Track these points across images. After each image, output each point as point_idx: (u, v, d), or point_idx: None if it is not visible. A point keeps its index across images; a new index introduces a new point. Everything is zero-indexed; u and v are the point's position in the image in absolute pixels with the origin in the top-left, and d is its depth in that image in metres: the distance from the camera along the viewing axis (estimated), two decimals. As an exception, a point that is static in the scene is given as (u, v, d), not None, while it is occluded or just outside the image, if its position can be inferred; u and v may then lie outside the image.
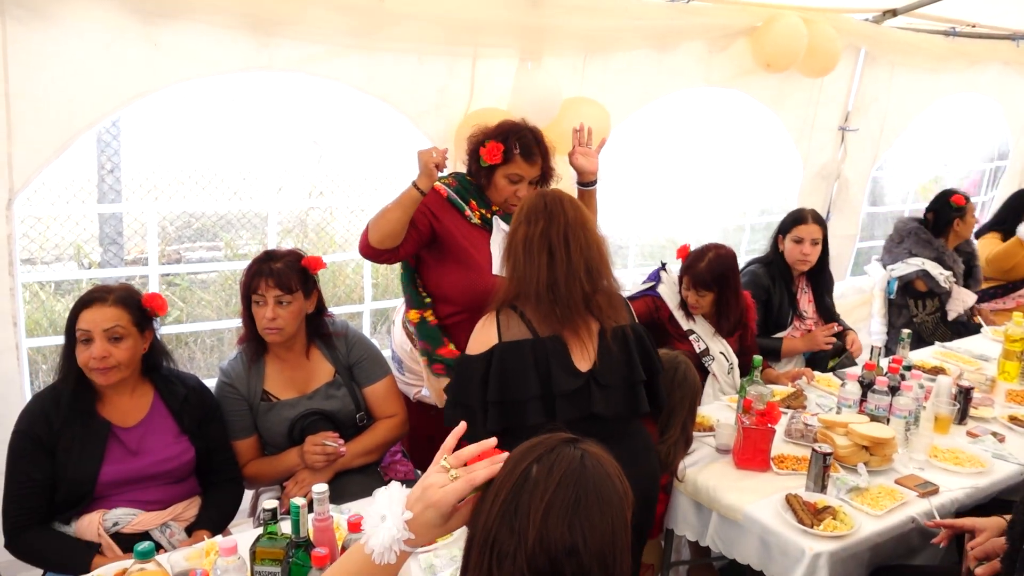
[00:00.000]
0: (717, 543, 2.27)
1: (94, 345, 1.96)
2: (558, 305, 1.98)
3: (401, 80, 3.02)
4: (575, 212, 2.04)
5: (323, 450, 2.23)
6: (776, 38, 3.67)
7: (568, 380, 2.00)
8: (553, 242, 1.99)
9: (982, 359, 3.43)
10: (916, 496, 2.24)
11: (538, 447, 1.11)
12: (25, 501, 1.99)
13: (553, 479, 1.06)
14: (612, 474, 1.11)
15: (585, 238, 2.02)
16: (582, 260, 2.00)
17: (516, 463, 1.11)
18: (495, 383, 1.98)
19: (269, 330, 2.25)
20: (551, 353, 1.99)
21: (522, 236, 2.02)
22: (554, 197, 2.06)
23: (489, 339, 2.01)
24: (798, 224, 3.35)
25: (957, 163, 6.58)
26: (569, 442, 1.12)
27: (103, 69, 2.44)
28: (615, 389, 2.04)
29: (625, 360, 2.05)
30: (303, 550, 1.62)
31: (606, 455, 1.13)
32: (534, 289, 1.98)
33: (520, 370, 1.98)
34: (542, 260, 1.99)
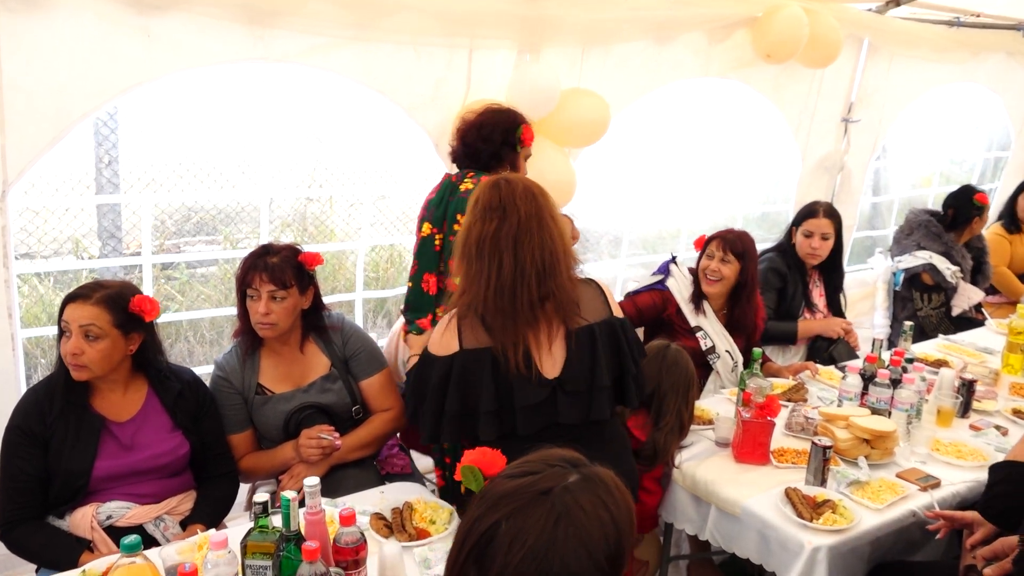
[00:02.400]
0: (716, 537, 2.25)
1: (70, 340, 1.95)
2: (506, 314, 1.88)
3: (397, 72, 3.00)
4: (528, 205, 1.91)
5: (318, 443, 2.22)
6: (777, 28, 3.63)
7: (532, 392, 1.91)
8: (502, 245, 1.88)
9: (986, 352, 3.41)
10: (917, 490, 2.22)
11: (512, 498, 1.02)
12: (19, 496, 1.98)
13: (515, 555, 0.98)
14: (592, 533, 1.00)
15: (540, 236, 1.90)
16: (533, 264, 1.88)
17: (489, 508, 1.03)
18: (454, 395, 1.90)
19: (262, 325, 2.23)
20: (513, 362, 1.88)
21: (476, 236, 1.91)
22: (509, 190, 1.93)
23: (449, 343, 1.93)
24: (809, 218, 3.36)
25: (964, 154, 6.54)
26: (552, 488, 1.02)
27: (97, 60, 2.42)
28: (582, 395, 1.95)
29: (590, 363, 1.95)
30: (293, 544, 1.60)
31: (599, 492, 1.04)
32: (483, 294, 1.89)
33: (477, 383, 1.89)
34: (492, 266, 1.88)
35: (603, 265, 4.66)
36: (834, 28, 3.80)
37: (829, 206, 3.41)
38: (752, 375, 2.58)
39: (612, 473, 1.09)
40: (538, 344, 1.93)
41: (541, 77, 3.11)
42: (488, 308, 1.90)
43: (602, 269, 4.55)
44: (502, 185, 1.95)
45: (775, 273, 3.34)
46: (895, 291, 4.08)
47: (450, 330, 1.94)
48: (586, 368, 1.95)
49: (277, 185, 4.81)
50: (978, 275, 4.15)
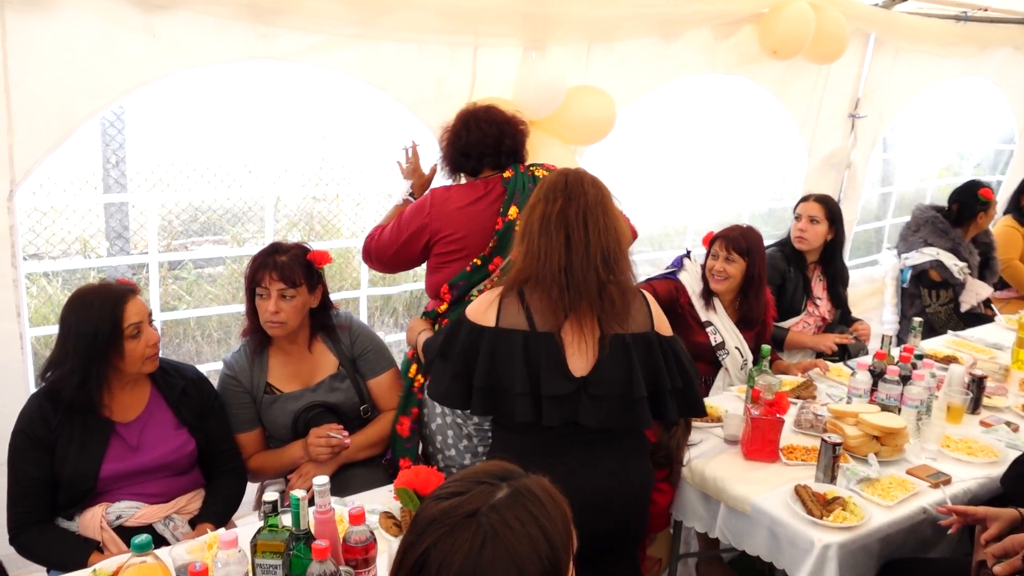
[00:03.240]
0: (726, 535, 2.24)
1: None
2: (569, 291, 1.87)
3: (401, 69, 3.00)
4: (596, 192, 1.92)
5: (327, 442, 2.22)
6: (783, 24, 3.62)
7: (558, 383, 1.88)
8: (571, 222, 1.87)
9: (996, 348, 3.39)
10: (928, 487, 2.20)
11: (440, 522, 0.99)
12: (26, 499, 1.99)
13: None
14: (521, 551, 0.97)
15: (605, 222, 1.90)
16: (600, 244, 1.88)
17: (419, 534, 1.00)
18: (483, 370, 1.90)
19: (271, 323, 2.23)
20: (544, 351, 1.88)
21: (539, 214, 1.91)
22: (576, 176, 1.95)
23: (487, 315, 1.93)
24: (800, 203, 3.41)
25: (970, 148, 6.53)
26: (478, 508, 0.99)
27: (102, 59, 2.42)
28: (607, 401, 1.90)
29: (625, 373, 1.91)
30: (303, 543, 1.60)
31: (529, 507, 1.00)
32: (548, 271, 1.87)
33: (509, 364, 1.89)
34: (559, 241, 1.87)
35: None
36: (840, 24, 3.78)
37: (822, 195, 3.44)
38: (761, 372, 2.58)
39: (546, 482, 1.06)
40: (579, 337, 1.91)
41: (547, 74, 3.10)
42: (552, 282, 1.87)
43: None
44: (570, 173, 1.97)
45: (773, 270, 3.33)
46: (903, 288, 4.07)
47: (491, 305, 1.93)
48: (618, 376, 1.91)
49: (283, 184, 4.81)
50: (985, 270, 4.13)
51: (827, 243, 3.39)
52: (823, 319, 3.41)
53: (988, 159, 6.37)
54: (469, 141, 2.53)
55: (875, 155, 5.02)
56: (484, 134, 2.52)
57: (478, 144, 2.52)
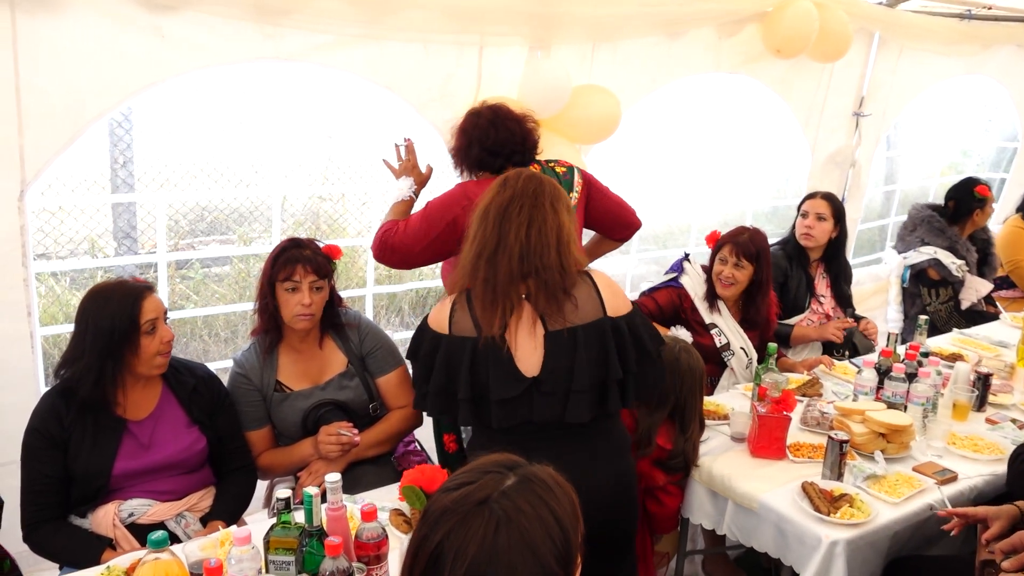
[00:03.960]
0: (734, 531, 2.25)
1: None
2: (487, 285, 1.86)
3: (407, 69, 3.01)
4: (527, 184, 1.90)
5: (338, 440, 2.23)
6: (787, 23, 3.63)
7: (506, 386, 1.87)
8: (491, 215, 1.88)
9: (1001, 345, 3.39)
10: (934, 484, 2.21)
11: (451, 512, 0.99)
12: (40, 497, 2.00)
13: (458, 569, 0.95)
14: (535, 534, 0.97)
15: (529, 214, 1.86)
16: (517, 238, 1.85)
17: (431, 526, 1.00)
18: (438, 375, 1.91)
19: (303, 316, 2.25)
20: (491, 357, 1.87)
21: (477, 210, 1.94)
22: (516, 172, 1.96)
23: (442, 323, 1.94)
24: (807, 200, 3.41)
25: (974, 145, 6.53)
26: (489, 495, 1.00)
27: (111, 60, 2.44)
28: (555, 397, 1.89)
29: (568, 366, 1.88)
30: (316, 539, 1.62)
31: (539, 491, 1.01)
32: (468, 264, 1.90)
33: (459, 369, 1.89)
34: (479, 234, 1.90)
35: (613, 261, 4.66)
36: (844, 22, 3.79)
37: (828, 192, 3.44)
38: (768, 370, 2.59)
39: (551, 470, 1.07)
40: (516, 336, 1.89)
41: (553, 74, 3.11)
42: (475, 280, 1.89)
43: (612, 265, 4.55)
44: (519, 171, 1.98)
45: (776, 268, 3.32)
46: (904, 288, 4.07)
47: (444, 311, 1.95)
48: (563, 370, 1.88)
49: (290, 183, 4.83)
50: (984, 267, 4.12)
51: (830, 240, 3.39)
52: (827, 316, 3.42)
53: (991, 157, 6.38)
54: (499, 139, 2.54)
55: (879, 153, 5.02)
56: (512, 132, 2.54)
57: (508, 142, 2.54)
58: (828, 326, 3.29)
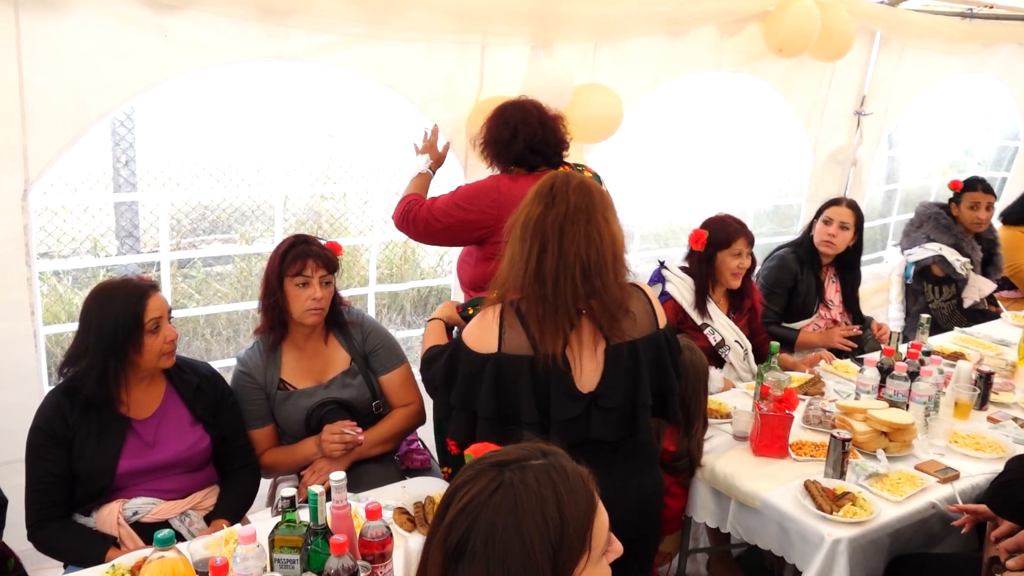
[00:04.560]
0: (737, 529, 2.26)
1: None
2: (545, 303, 1.78)
3: (409, 68, 3.01)
4: (579, 198, 1.81)
5: (341, 438, 2.23)
6: (789, 22, 3.62)
7: (568, 406, 1.82)
8: (547, 231, 1.78)
9: (1002, 344, 3.40)
10: (936, 482, 2.22)
11: (472, 467, 1.04)
12: (45, 496, 2.01)
13: (452, 511, 1.01)
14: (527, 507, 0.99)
15: (586, 231, 1.79)
16: (578, 257, 1.78)
17: (458, 476, 1.04)
18: (488, 399, 1.82)
19: (314, 311, 2.27)
20: (552, 375, 1.80)
21: (522, 220, 1.83)
22: (564, 179, 1.85)
23: (488, 341, 1.84)
24: (831, 206, 3.37)
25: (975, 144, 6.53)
26: (508, 462, 1.03)
27: (114, 60, 2.44)
28: (617, 412, 1.87)
29: (633, 380, 1.86)
30: (321, 537, 1.62)
31: (554, 477, 1.02)
32: (520, 281, 1.80)
33: (515, 391, 1.81)
34: (533, 250, 1.79)
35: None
36: (846, 21, 3.79)
37: (853, 200, 3.41)
38: (770, 369, 2.59)
39: (586, 472, 1.07)
40: (578, 352, 1.84)
41: (555, 73, 3.11)
42: (527, 296, 1.81)
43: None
44: (559, 175, 1.88)
45: (785, 272, 3.32)
46: (907, 284, 4.07)
47: (491, 327, 1.84)
48: (625, 385, 1.86)
49: (292, 183, 4.83)
50: (989, 267, 4.13)
51: (848, 249, 3.37)
52: (834, 322, 3.40)
53: (992, 156, 6.37)
54: (545, 139, 2.55)
55: (880, 152, 5.02)
56: (556, 133, 2.57)
57: (553, 143, 2.56)
58: (834, 334, 3.28)
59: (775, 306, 3.33)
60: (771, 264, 3.41)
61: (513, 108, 2.60)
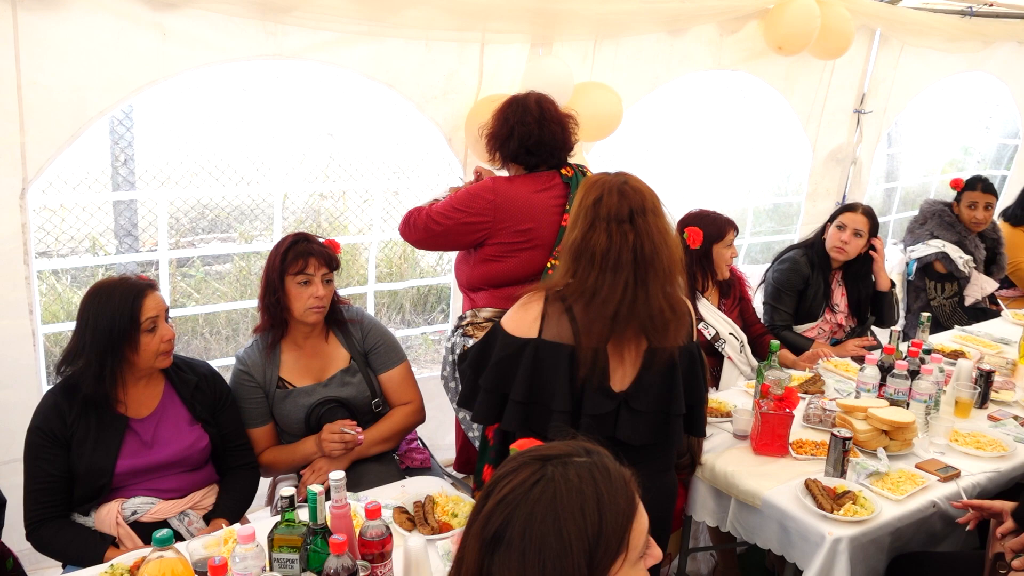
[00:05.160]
0: (738, 528, 2.25)
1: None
2: (629, 319, 1.81)
3: (408, 66, 3.01)
4: (656, 219, 1.84)
5: (341, 438, 2.23)
6: (789, 20, 3.62)
7: (600, 402, 1.84)
8: (640, 261, 1.80)
9: (1003, 343, 3.39)
10: (937, 480, 2.21)
11: (516, 459, 1.05)
12: (43, 495, 2.00)
13: (491, 501, 1.02)
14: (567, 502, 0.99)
15: (668, 253, 1.83)
16: (662, 280, 1.82)
17: (503, 467, 1.06)
18: (522, 383, 1.83)
19: (317, 309, 2.27)
20: (590, 367, 1.81)
21: (603, 247, 1.80)
22: (638, 201, 1.83)
23: (528, 326, 1.85)
24: (846, 211, 3.34)
25: (975, 142, 6.53)
26: (551, 457, 1.04)
27: (113, 58, 2.44)
28: (647, 416, 1.87)
29: (667, 387, 1.88)
30: (321, 537, 1.61)
31: (596, 475, 1.03)
32: (601, 304, 1.80)
33: (552, 379, 1.83)
34: (624, 279, 1.79)
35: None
36: (846, 19, 3.78)
37: (869, 207, 3.37)
38: (770, 367, 2.59)
39: (629, 474, 1.07)
40: (621, 352, 1.86)
41: (555, 71, 3.11)
42: (595, 309, 1.81)
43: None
44: (628, 193, 1.85)
45: (797, 275, 3.31)
46: (908, 281, 4.07)
47: (533, 313, 1.86)
48: (659, 391, 1.88)
49: (291, 181, 4.83)
50: (992, 266, 4.13)
51: (859, 256, 3.35)
52: (839, 326, 3.39)
53: (992, 154, 6.38)
54: (541, 140, 2.53)
55: (880, 150, 5.02)
56: (554, 136, 2.54)
57: (549, 145, 2.54)
58: (847, 346, 3.26)
59: (785, 307, 3.31)
60: (782, 266, 3.37)
61: (515, 105, 2.58)
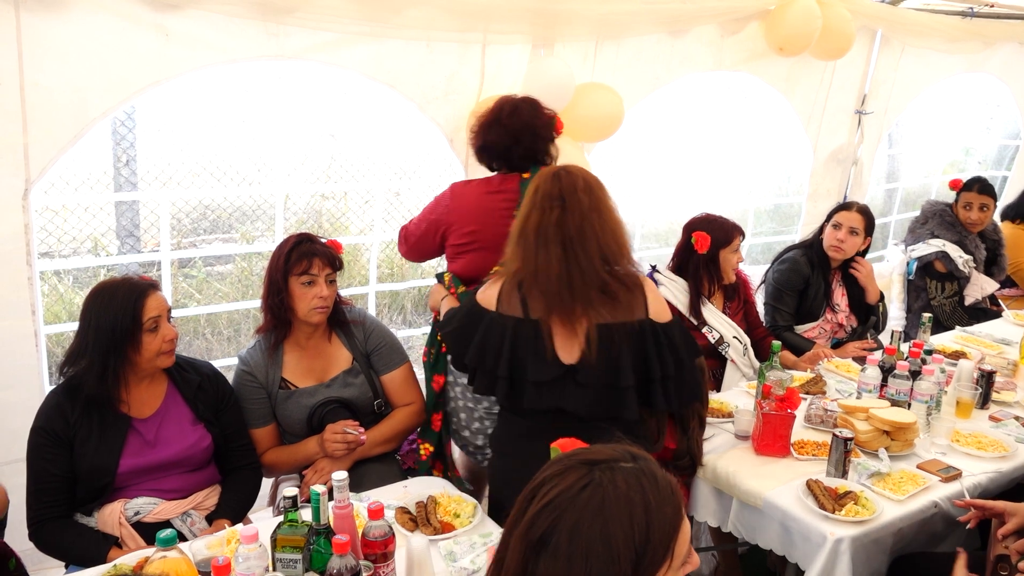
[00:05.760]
0: (739, 529, 2.26)
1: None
2: (571, 294, 1.93)
3: (410, 67, 3.01)
4: (590, 198, 1.95)
5: (344, 438, 2.23)
6: (790, 21, 3.63)
7: (542, 369, 1.95)
8: (568, 233, 1.92)
9: (1004, 343, 3.40)
10: (939, 481, 2.22)
11: (562, 462, 1.05)
12: (46, 495, 2.01)
13: (538, 504, 1.01)
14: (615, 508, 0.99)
15: (601, 225, 1.95)
16: (598, 249, 1.94)
17: (545, 468, 1.06)
18: (475, 351, 2.00)
19: (321, 309, 2.28)
20: (532, 337, 1.95)
21: (534, 223, 1.95)
22: (569, 181, 1.97)
23: (489, 301, 2.03)
24: (841, 210, 3.35)
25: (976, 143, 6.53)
26: (599, 462, 1.03)
27: (115, 59, 2.44)
28: (593, 390, 1.96)
29: (612, 362, 1.96)
30: (324, 537, 1.62)
31: (643, 481, 1.03)
32: (544, 279, 1.93)
33: (496, 346, 1.97)
34: (556, 252, 1.92)
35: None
36: (847, 20, 3.79)
37: (864, 205, 3.38)
38: (772, 367, 2.59)
39: (673, 480, 1.07)
40: (570, 327, 1.96)
41: (556, 72, 3.11)
42: (539, 286, 1.95)
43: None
44: (562, 178, 1.98)
45: (797, 275, 3.31)
46: (909, 280, 4.07)
47: (493, 290, 2.03)
48: (605, 365, 1.95)
49: (292, 182, 4.83)
50: (993, 267, 4.13)
51: (857, 253, 3.35)
52: (839, 325, 3.39)
53: (993, 155, 6.38)
54: (486, 142, 2.57)
55: (880, 151, 5.03)
56: (500, 138, 2.54)
57: (493, 146, 2.56)
58: (848, 348, 3.26)
59: (787, 308, 3.32)
60: (782, 266, 3.38)
61: (487, 111, 2.60)
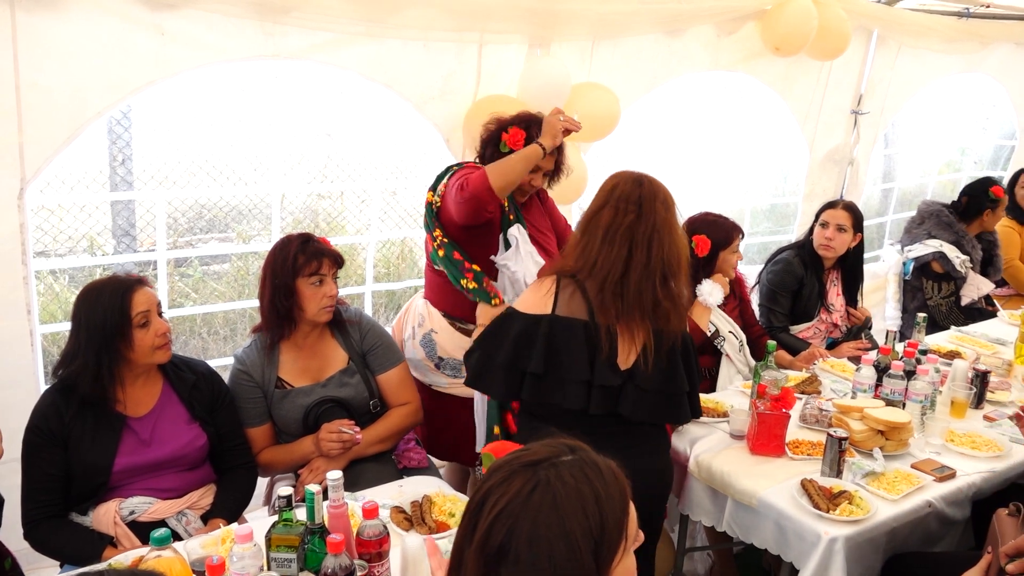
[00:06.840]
0: (734, 528, 2.26)
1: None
2: (623, 300, 1.95)
3: (406, 67, 3.02)
4: (665, 212, 2.00)
5: (339, 437, 2.23)
6: (786, 21, 3.64)
7: (609, 374, 1.97)
8: (637, 239, 1.96)
9: (998, 343, 3.40)
10: (933, 481, 2.22)
11: (503, 468, 1.05)
12: (41, 494, 2.00)
13: (490, 515, 1.01)
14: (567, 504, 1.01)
15: (669, 242, 1.99)
16: (660, 265, 1.97)
17: (486, 478, 1.06)
18: (539, 356, 1.95)
19: (330, 308, 2.30)
20: (601, 341, 1.96)
21: (606, 220, 1.98)
22: (651, 191, 2.00)
23: (542, 304, 2.00)
24: (828, 209, 3.36)
25: (971, 143, 6.55)
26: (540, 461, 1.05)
27: (111, 58, 2.44)
28: (650, 395, 2.00)
29: (670, 369, 2.02)
30: (318, 536, 1.62)
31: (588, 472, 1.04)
32: (603, 276, 1.96)
33: (569, 349, 1.96)
34: (621, 252, 1.95)
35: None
36: (843, 20, 3.80)
37: (850, 202, 3.39)
38: (767, 367, 2.59)
39: (614, 464, 1.09)
40: (629, 334, 2.00)
41: (552, 71, 3.12)
42: (605, 287, 1.96)
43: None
44: (644, 185, 2.02)
45: (791, 276, 3.32)
46: (905, 280, 4.07)
47: (543, 291, 2.01)
48: (662, 371, 2.00)
49: (289, 181, 4.83)
50: (989, 267, 4.13)
51: (849, 250, 3.36)
52: (834, 325, 3.39)
53: (989, 155, 6.40)
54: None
55: (877, 151, 5.04)
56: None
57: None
58: (843, 348, 3.27)
59: (781, 309, 3.32)
60: (776, 267, 3.38)
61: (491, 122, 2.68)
